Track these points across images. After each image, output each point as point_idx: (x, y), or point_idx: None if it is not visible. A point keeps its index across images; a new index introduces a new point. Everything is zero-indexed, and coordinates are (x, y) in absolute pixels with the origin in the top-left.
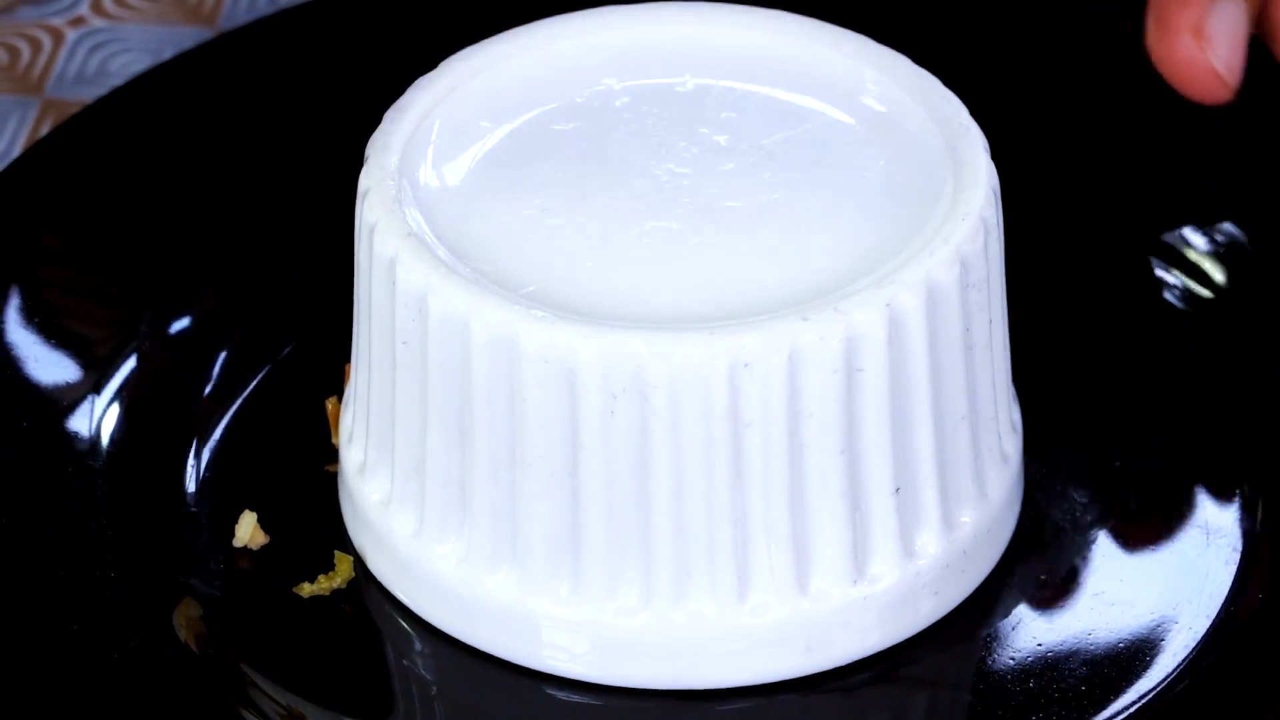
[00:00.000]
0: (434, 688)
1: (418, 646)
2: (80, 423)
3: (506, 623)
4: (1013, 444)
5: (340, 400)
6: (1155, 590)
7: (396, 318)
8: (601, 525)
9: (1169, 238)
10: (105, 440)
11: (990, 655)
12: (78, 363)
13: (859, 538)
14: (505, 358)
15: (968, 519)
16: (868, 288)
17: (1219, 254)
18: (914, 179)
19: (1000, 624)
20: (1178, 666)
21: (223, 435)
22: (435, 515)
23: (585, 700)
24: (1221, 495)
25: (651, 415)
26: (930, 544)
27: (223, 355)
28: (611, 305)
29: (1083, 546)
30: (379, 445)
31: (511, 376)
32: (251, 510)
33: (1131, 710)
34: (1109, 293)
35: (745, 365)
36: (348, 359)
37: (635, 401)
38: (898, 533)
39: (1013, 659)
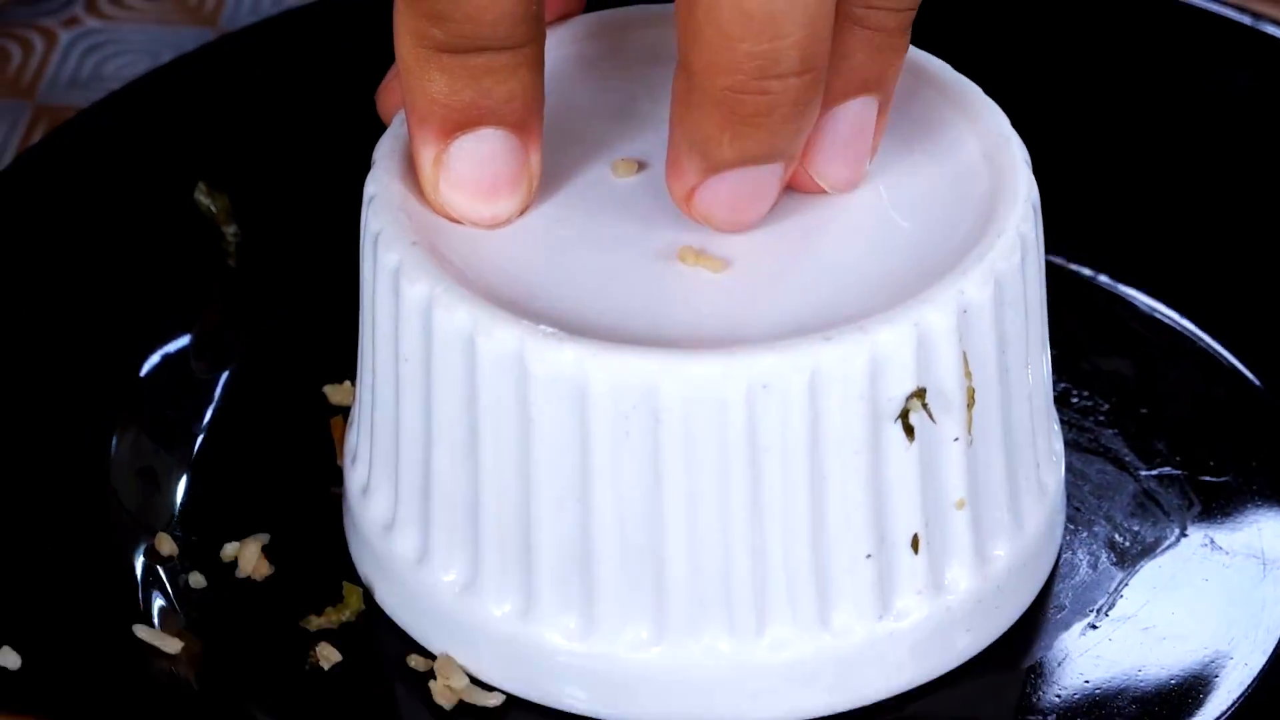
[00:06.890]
0: None
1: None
2: (74, 443)
3: (514, 656)
4: (1052, 473)
5: (346, 419)
6: (1208, 624)
7: (400, 331)
8: (612, 554)
9: (1218, 256)
10: (101, 462)
11: (1032, 693)
12: (71, 379)
13: (884, 571)
14: (512, 376)
15: (1002, 552)
16: (895, 307)
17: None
18: (948, 192)
19: (1042, 660)
20: (1233, 704)
21: (226, 458)
22: (440, 540)
23: None
24: (1278, 523)
25: (665, 439)
26: (962, 579)
27: (224, 373)
28: (624, 322)
29: (1129, 578)
30: (382, 465)
31: (519, 396)
32: (256, 539)
33: None
34: (1157, 314)
35: (764, 387)
36: (354, 375)
37: (648, 424)
38: (926, 567)
39: (1057, 697)
